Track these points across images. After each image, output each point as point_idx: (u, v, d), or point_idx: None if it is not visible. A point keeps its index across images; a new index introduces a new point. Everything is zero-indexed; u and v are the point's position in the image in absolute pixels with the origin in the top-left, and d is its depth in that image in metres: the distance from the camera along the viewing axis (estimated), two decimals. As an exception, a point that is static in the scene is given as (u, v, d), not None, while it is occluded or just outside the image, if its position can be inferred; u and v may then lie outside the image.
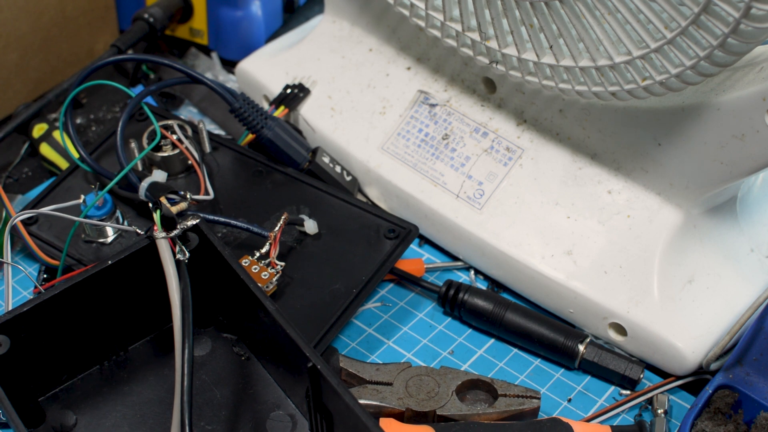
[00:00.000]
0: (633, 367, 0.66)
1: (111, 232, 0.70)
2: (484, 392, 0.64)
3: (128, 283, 0.60)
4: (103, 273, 0.58)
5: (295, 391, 0.59)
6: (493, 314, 0.69)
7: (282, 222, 0.68)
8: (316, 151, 0.76)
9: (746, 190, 0.70)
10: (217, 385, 0.61)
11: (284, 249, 0.70)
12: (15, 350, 0.56)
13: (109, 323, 0.61)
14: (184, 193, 0.67)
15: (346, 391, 0.51)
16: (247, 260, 0.67)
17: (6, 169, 0.83)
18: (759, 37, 0.53)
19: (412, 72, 0.78)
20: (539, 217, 0.71)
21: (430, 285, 0.72)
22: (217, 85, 0.72)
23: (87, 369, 0.62)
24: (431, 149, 0.75)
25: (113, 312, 0.60)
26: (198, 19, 0.92)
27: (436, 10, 0.68)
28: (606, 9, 0.58)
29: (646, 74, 0.60)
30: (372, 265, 0.69)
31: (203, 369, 0.62)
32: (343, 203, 0.73)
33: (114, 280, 0.59)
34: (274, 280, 0.66)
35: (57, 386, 0.61)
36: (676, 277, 0.67)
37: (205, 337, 0.64)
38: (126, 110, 0.71)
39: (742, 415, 0.62)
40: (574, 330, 0.68)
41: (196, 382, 0.61)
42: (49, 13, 0.86)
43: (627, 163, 0.68)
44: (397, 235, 0.71)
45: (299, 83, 0.81)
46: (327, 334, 0.65)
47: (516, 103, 0.73)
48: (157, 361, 0.63)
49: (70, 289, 0.58)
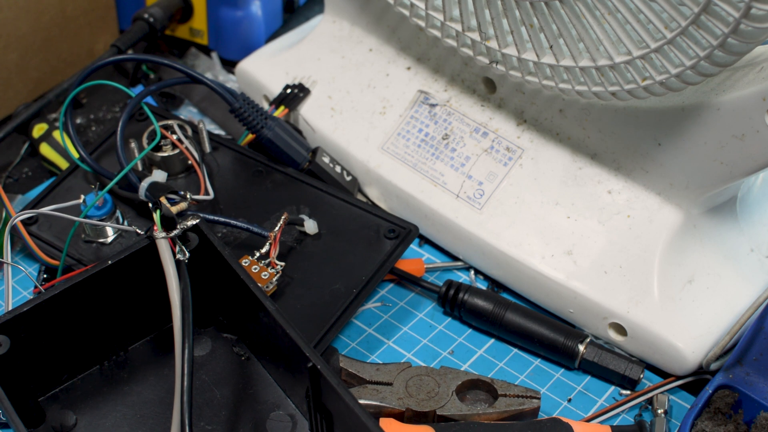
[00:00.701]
0: (633, 367, 0.66)
1: (111, 232, 0.70)
2: (484, 392, 0.64)
3: (128, 283, 0.60)
4: (103, 273, 0.58)
5: (295, 391, 0.59)
6: (493, 314, 0.69)
7: (282, 222, 0.68)
8: (316, 151, 0.76)
9: (746, 190, 0.70)
10: (217, 385, 0.61)
11: (284, 249, 0.70)
12: (15, 350, 0.56)
13: (109, 323, 0.61)
14: (184, 193, 0.67)
15: (346, 391, 0.51)
16: (247, 260, 0.67)
17: (6, 169, 0.83)
18: (759, 37, 0.53)
19: (412, 72, 0.78)
20: (539, 217, 0.71)
21: (430, 285, 0.72)
22: (217, 85, 0.72)
23: (87, 369, 0.62)
24: (431, 149, 0.75)
25: (113, 312, 0.60)
26: (198, 19, 0.92)
27: (436, 10, 0.68)
28: (606, 9, 0.58)
29: (646, 74, 0.60)
30: (372, 265, 0.69)
31: (203, 369, 0.62)
32: (343, 203, 0.73)
33: (114, 280, 0.59)
34: (274, 280, 0.66)
35: (57, 386, 0.61)
36: (676, 277, 0.67)
37: (205, 337, 0.64)
38: (126, 110, 0.71)
39: (742, 415, 0.62)
40: (574, 330, 0.68)
41: (196, 382, 0.61)
42: (49, 13, 0.86)
43: (627, 163, 0.68)
44: (397, 235, 0.70)
45: (299, 83, 0.81)
46: (327, 334, 0.65)
47: (516, 103, 0.73)
48: (157, 361, 0.63)
49: (70, 289, 0.58)
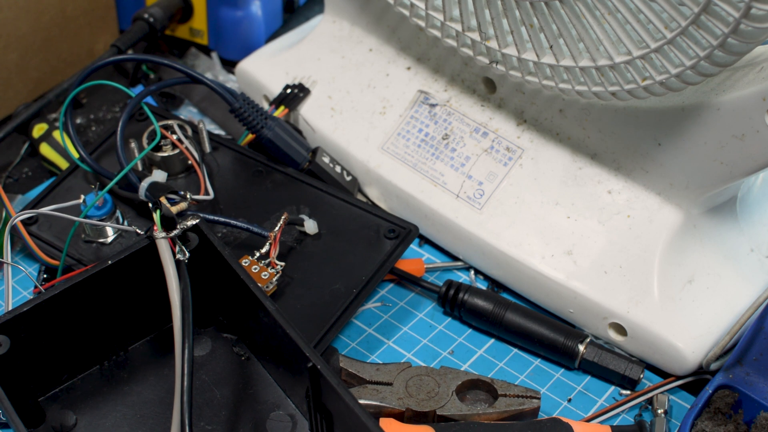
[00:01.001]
0: (633, 367, 0.66)
1: (111, 232, 0.70)
2: (484, 392, 0.64)
3: (128, 283, 0.60)
4: (103, 273, 0.58)
5: (295, 391, 0.59)
6: (493, 314, 0.69)
7: (282, 222, 0.68)
8: (316, 151, 0.76)
9: (746, 190, 0.70)
10: (217, 385, 0.61)
11: (284, 249, 0.70)
12: (15, 350, 0.56)
13: (109, 323, 0.61)
14: (184, 193, 0.67)
15: (346, 391, 0.51)
16: (247, 260, 0.67)
17: (6, 169, 0.83)
18: (759, 37, 0.53)
19: (412, 72, 0.78)
20: (539, 217, 0.71)
21: (430, 285, 0.72)
22: (217, 85, 0.72)
23: (87, 369, 0.62)
24: (431, 149, 0.75)
25: (113, 312, 0.60)
26: (198, 19, 0.92)
27: (436, 10, 0.68)
28: (606, 9, 0.58)
29: (646, 74, 0.60)
30: (372, 265, 0.69)
31: (203, 369, 0.62)
32: (343, 203, 0.73)
33: (114, 280, 0.59)
34: (274, 280, 0.66)
35: (57, 386, 0.61)
36: (676, 277, 0.67)
37: (205, 337, 0.64)
38: (126, 110, 0.71)
39: (742, 415, 0.62)
40: (574, 330, 0.68)
41: (196, 382, 0.61)
42: (50, 13, 0.86)
43: (627, 163, 0.68)
44: (397, 235, 0.70)
45: (299, 83, 0.81)
46: (327, 334, 0.65)
47: (516, 103, 0.73)
48: (157, 361, 0.63)
49: (70, 289, 0.58)
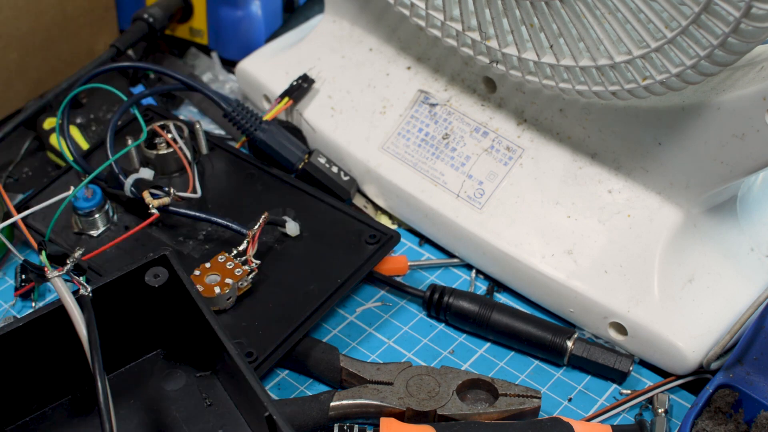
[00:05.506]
0: (622, 360, 0.66)
1: (100, 224, 0.72)
2: (484, 392, 0.64)
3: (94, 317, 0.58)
4: (62, 311, 0.57)
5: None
6: (479, 316, 0.68)
7: (261, 221, 0.68)
8: (312, 153, 0.76)
9: (746, 190, 0.70)
10: (187, 422, 0.60)
11: (264, 248, 0.70)
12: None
13: (77, 355, 0.58)
14: (168, 189, 0.69)
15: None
16: (223, 256, 0.67)
17: (6, 169, 0.83)
18: (759, 36, 0.53)
19: (412, 71, 0.78)
20: (539, 216, 0.71)
21: (415, 290, 0.71)
22: (210, 91, 0.75)
23: (58, 399, 0.60)
24: (431, 149, 0.75)
25: (78, 346, 0.58)
26: (198, 19, 0.92)
27: (437, 10, 0.68)
28: (606, 8, 0.58)
29: (647, 73, 0.60)
30: (349, 268, 0.69)
31: (175, 405, 0.61)
32: (330, 208, 0.73)
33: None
34: (249, 278, 0.67)
35: (27, 415, 0.60)
36: (676, 277, 0.67)
37: (179, 371, 0.62)
38: (117, 113, 0.73)
39: (742, 415, 0.62)
40: (561, 327, 0.68)
41: (167, 418, 0.60)
42: (50, 13, 0.86)
43: (627, 162, 0.68)
44: (378, 240, 0.71)
45: (303, 74, 0.81)
46: (293, 334, 0.65)
47: (516, 103, 0.73)
48: (129, 392, 0.61)
49: (34, 323, 0.57)
